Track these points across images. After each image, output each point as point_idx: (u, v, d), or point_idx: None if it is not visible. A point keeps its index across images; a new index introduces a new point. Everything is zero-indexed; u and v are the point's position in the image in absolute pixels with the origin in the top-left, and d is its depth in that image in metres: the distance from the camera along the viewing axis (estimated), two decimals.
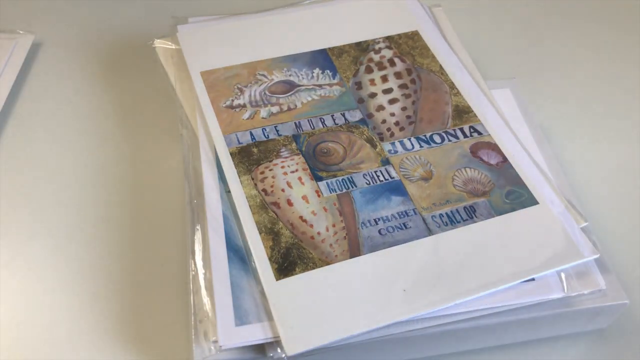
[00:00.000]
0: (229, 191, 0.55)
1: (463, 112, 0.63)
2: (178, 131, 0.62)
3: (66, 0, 0.84)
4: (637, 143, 0.71)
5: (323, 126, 0.61)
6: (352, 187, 0.56)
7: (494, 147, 0.60)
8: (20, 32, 0.76)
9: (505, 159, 0.59)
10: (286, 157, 0.58)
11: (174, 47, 0.67)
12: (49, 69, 0.76)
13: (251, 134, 0.60)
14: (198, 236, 0.53)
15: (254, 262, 0.51)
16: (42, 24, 0.80)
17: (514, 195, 0.56)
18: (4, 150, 0.66)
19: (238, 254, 0.52)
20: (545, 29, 0.85)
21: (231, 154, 0.58)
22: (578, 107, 0.75)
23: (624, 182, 0.67)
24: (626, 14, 0.88)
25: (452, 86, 0.65)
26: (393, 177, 0.57)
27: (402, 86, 0.65)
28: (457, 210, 0.55)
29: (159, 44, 0.69)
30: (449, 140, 0.60)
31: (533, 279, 0.51)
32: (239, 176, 0.56)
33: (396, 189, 0.56)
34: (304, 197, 0.55)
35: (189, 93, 0.63)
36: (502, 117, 0.63)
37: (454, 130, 0.61)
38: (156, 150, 0.67)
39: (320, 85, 0.64)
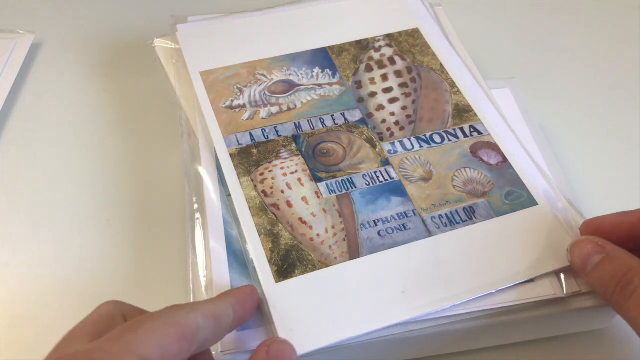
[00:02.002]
0: (229, 195, 0.55)
1: (463, 111, 0.62)
2: (178, 131, 0.62)
3: (66, 0, 0.84)
4: (637, 143, 0.71)
5: (323, 126, 0.61)
6: (352, 188, 0.56)
7: (494, 147, 0.60)
8: (20, 32, 0.76)
9: (505, 159, 0.59)
10: (286, 158, 0.58)
11: (174, 46, 0.67)
12: (49, 69, 0.75)
13: (251, 134, 0.59)
14: (198, 237, 0.54)
15: (253, 264, 0.51)
16: (42, 24, 0.80)
17: (514, 196, 0.56)
18: (4, 150, 0.66)
19: (238, 257, 0.52)
20: (545, 28, 0.85)
21: (231, 155, 0.58)
22: (578, 107, 0.75)
23: (624, 182, 0.67)
24: (626, 14, 0.88)
25: (453, 84, 0.65)
26: (393, 178, 0.57)
27: (402, 85, 0.65)
28: (456, 211, 0.55)
29: (158, 43, 0.69)
30: (449, 140, 0.60)
31: (532, 280, 0.51)
32: (239, 178, 0.56)
33: (396, 189, 0.56)
34: (304, 199, 0.55)
35: (189, 93, 0.63)
36: (502, 116, 0.63)
37: (454, 129, 0.61)
38: (156, 150, 0.67)
39: (320, 85, 0.64)
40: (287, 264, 0.51)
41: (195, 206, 0.55)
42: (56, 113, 0.71)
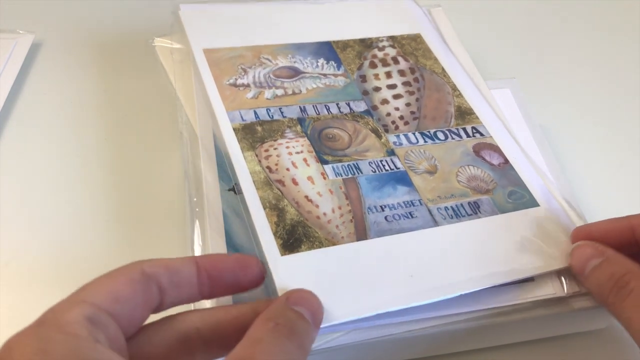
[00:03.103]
0: (231, 189, 0.55)
1: (465, 114, 0.63)
2: (178, 130, 0.61)
3: (66, 0, 0.84)
4: (637, 143, 0.72)
5: (328, 113, 0.60)
6: (358, 173, 0.55)
7: (496, 149, 0.60)
8: (20, 32, 0.75)
9: (506, 161, 0.59)
10: (291, 138, 0.57)
11: (174, 45, 0.68)
12: (49, 69, 0.75)
13: (255, 112, 0.59)
14: (198, 236, 0.53)
15: (258, 237, 0.49)
16: (42, 24, 0.79)
17: (516, 195, 0.56)
18: (4, 150, 0.65)
19: (238, 252, 0.51)
20: (545, 29, 0.87)
21: (234, 129, 0.57)
22: (578, 107, 0.76)
23: (624, 182, 0.68)
24: (626, 14, 0.89)
25: (455, 88, 0.65)
26: (399, 168, 0.56)
27: (406, 83, 0.65)
28: (461, 204, 0.55)
29: (159, 42, 0.69)
30: (452, 138, 0.60)
31: (532, 279, 0.51)
32: (243, 152, 0.55)
33: (402, 179, 0.56)
34: (309, 178, 0.54)
35: (189, 91, 0.62)
36: (502, 120, 0.63)
37: (457, 129, 0.61)
38: (156, 150, 0.66)
39: (325, 75, 0.64)
40: (293, 238, 0.49)
41: (195, 199, 0.55)
42: (56, 113, 0.70)
